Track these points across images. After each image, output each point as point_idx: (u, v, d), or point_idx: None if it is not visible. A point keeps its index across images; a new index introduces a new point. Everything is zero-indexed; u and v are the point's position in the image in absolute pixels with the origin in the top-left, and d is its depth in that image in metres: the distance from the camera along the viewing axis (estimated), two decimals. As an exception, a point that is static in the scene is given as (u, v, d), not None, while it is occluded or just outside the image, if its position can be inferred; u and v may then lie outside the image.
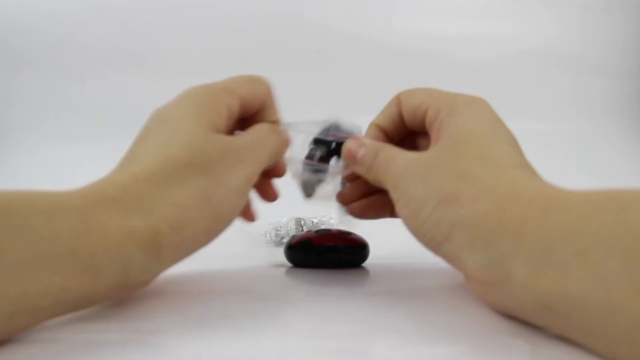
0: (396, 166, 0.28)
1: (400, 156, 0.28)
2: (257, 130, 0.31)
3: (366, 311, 0.29)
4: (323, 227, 0.51)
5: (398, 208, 0.28)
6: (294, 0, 0.92)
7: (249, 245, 0.50)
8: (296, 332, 0.26)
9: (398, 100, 0.32)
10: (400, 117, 0.32)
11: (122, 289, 0.26)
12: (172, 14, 0.91)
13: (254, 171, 0.30)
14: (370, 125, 0.33)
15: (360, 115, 0.36)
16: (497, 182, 0.24)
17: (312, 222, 0.51)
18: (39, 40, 0.90)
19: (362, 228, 0.39)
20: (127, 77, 0.89)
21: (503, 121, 0.28)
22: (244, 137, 0.30)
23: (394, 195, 0.28)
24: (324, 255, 0.39)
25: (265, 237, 0.50)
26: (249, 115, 0.32)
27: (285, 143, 0.33)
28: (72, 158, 0.82)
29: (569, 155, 0.88)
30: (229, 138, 0.29)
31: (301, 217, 0.51)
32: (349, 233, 0.39)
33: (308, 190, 0.35)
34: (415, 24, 0.94)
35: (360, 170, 0.31)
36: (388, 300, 0.31)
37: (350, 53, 0.91)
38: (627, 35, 0.97)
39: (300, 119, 0.34)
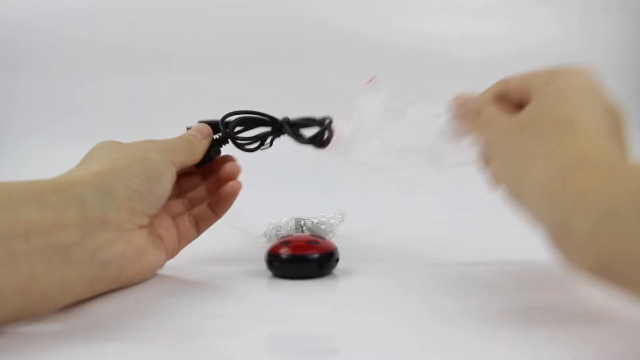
0: (495, 127, 0.31)
1: (500, 117, 0.32)
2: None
3: (357, 313, 0.29)
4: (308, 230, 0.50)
5: (490, 164, 0.32)
6: (294, 0, 0.92)
7: (249, 245, 0.50)
8: (290, 332, 0.26)
9: (504, 81, 0.35)
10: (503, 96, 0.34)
11: (90, 228, 0.28)
12: (173, 14, 0.91)
13: (173, 148, 0.36)
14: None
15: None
16: (570, 146, 0.26)
17: (312, 222, 0.51)
18: (40, 41, 0.90)
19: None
20: (128, 77, 0.89)
21: (604, 91, 0.30)
22: None
23: (488, 151, 0.32)
24: (289, 266, 0.36)
25: (265, 237, 0.50)
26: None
27: (192, 154, 0.38)
28: (73, 158, 0.82)
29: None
30: None
31: (301, 217, 0.51)
32: (316, 241, 0.38)
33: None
34: (416, 23, 0.94)
35: (465, 121, 0.35)
36: (386, 302, 0.31)
37: (350, 53, 0.91)
38: (626, 35, 0.97)
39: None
